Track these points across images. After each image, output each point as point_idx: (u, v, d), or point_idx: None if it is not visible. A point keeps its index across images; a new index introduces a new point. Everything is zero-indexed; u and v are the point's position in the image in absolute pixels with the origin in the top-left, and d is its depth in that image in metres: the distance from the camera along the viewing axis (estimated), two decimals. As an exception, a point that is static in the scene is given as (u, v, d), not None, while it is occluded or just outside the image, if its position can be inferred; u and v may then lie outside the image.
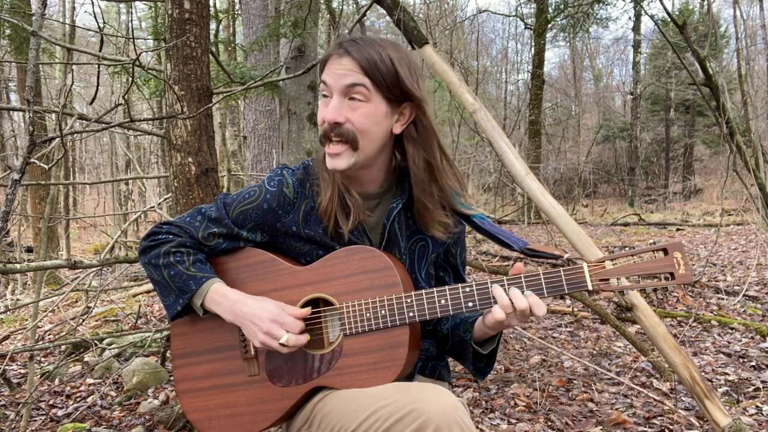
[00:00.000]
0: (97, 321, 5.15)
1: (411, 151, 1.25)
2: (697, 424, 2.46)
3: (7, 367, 3.60)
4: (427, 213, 1.29)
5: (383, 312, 1.19)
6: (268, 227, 1.31)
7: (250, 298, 1.23)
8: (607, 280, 1.14)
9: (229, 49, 9.54)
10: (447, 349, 1.40)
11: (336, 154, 1.22)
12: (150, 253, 1.28)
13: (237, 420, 1.28)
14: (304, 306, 1.26)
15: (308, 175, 1.32)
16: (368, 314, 1.20)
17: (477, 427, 1.98)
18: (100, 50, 2.59)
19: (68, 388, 3.40)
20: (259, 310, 1.20)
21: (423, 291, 1.19)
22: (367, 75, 1.18)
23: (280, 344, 1.17)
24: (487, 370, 1.35)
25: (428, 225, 1.30)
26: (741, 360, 3.37)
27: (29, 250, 8.76)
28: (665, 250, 1.14)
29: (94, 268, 3.31)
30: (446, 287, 1.20)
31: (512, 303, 1.14)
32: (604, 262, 1.15)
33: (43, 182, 4.50)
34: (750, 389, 2.91)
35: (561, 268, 1.16)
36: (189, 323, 1.34)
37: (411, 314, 1.19)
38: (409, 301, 1.19)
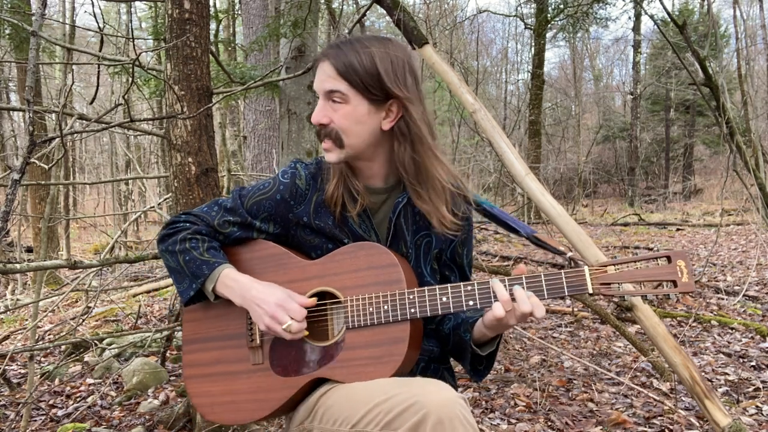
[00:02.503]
0: (97, 321, 5.15)
1: (396, 148, 1.30)
2: (697, 424, 2.46)
3: (7, 367, 3.60)
4: (423, 207, 1.31)
5: (386, 307, 1.22)
6: (280, 218, 1.36)
7: (259, 283, 1.27)
8: (609, 284, 1.15)
9: (229, 49, 9.54)
10: (448, 348, 1.41)
11: (327, 150, 1.30)
12: (168, 240, 1.34)
13: (238, 407, 1.30)
14: (311, 298, 1.28)
15: (320, 169, 1.37)
16: (371, 308, 1.22)
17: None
18: (100, 50, 2.59)
19: (68, 388, 3.40)
20: (267, 294, 1.24)
21: (425, 288, 1.22)
22: (343, 78, 1.24)
23: (283, 329, 1.20)
24: (484, 373, 1.36)
25: (429, 218, 1.32)
26: (741, 360, 3.37)
27: (29, 250, 8.76)
28: (669, 258, 1.14)
29: (94, 268, 3.31)
30: (448, 285, 1.22)
31: (512, 300, 1.16)
32: (606, 266, 1.16)
33: (43, 182, 4.50)
34: (750, 389, 2.91)
35: (562, 271, 1.17)
36: (201, 310, 1.38)
37: (413, 310, 1.21)
38: (411, 297, 1.21)
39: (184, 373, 1.38)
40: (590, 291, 1.15)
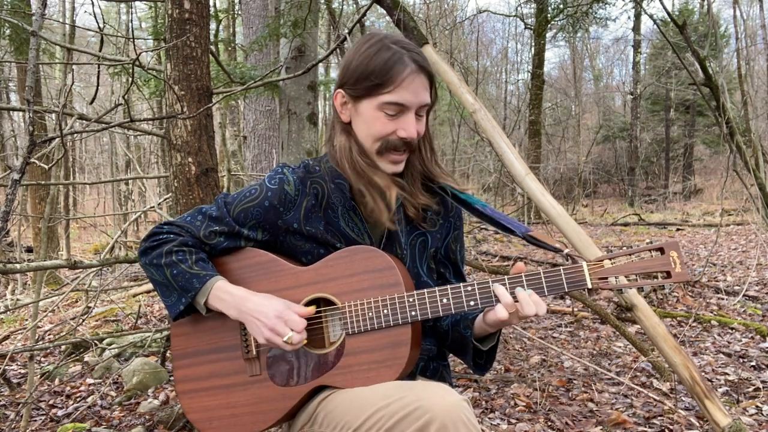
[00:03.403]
0: (97, 321, 5.15)
1: (424, 152, 1.36)
2: (697, 424, 2.46)
3: (7, 367, 3.60)
4: (420, 201, 1.34)
5: (386, 311, 1.21)
6: (269, 225, 1.32)
7: (255, 295, 1.24)
8: (606, 278, 1.16)
9: (229, 49, 9.54)
10: (447, 344, 1.41)
11: (400, 162, 1.30)
12: (151, 253, 1.28)
13: (237, 420, 1.28)
14: (306, 305, 1.26)
15: (309, 173, 1.34)
16: (371, 313, 1.21)
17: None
18: (100, 50, 2.59)
19: (68, 388, 3.40)
20: (264, 306, 1.20)
21: (425, 290, 1.21)
22: (430, 93, 1.29)
23: (284, 342, 1.18)
24: (487, 367, 1.36)
25: (414, 206, 1.34)
26: (741, 360, 3.37)
27: (29, 250, 8.76)
28: (661, 250, 1.16)
29: (94, 268, 3.31)
30: (448, 286, 1.21)
31: (516, 302, 1.16)
32: (602, 261, 1.17)
33: (43, 182, 4.50)
34: (750, 389, 2.91)
35: (561, 267, 1.17)
36: (190, 323, 1.34)
37: (413, 313, 1.20)
38: (411, 300, 1.20)
39: (177, 388, 1.35)
40: (589, 286, 1.16)
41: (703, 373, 2.70)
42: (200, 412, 1.31)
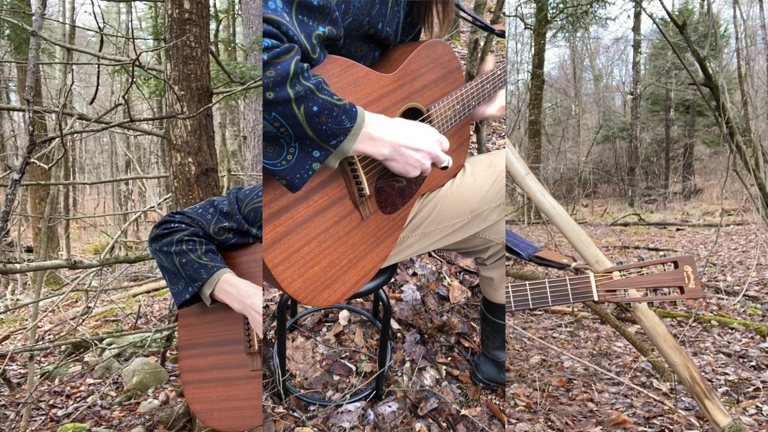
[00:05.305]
0: (97, 321, 5.15)
1: None
2: (697, 424, 2.46)
3: (7, 367, 3.60)
4: None
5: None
6: None
7: (259, 289, 1.26)
8: (614, 291, 1.13)
9: (229, 49, 9.55)
10: None
11: None
12: (162, 240, 1.30)
13: (238, 413, 1.30)
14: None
15: None
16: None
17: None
18: (100, 50, 2.59)
19: (68, 388, 3.40)
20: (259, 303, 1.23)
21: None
22: None
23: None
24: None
25: None
26: (741, 360, 3.37)
27: (29, 250, 8.76)
28: (676, 263, 1.12)
29: (94, 268, 3.31)
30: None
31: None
32: (612, 272, 1.14)
33: (43, 182, 4.50)
34: (750, 389, 2.91)
35: (567, 278, 1.16)
36: (197, 315, 1.37)
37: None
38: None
39: (182, 378, 1.37)
40: (596, 298, 1.14)
41: (703, 373, 2.70)
42: (202, 403, 1.34)
